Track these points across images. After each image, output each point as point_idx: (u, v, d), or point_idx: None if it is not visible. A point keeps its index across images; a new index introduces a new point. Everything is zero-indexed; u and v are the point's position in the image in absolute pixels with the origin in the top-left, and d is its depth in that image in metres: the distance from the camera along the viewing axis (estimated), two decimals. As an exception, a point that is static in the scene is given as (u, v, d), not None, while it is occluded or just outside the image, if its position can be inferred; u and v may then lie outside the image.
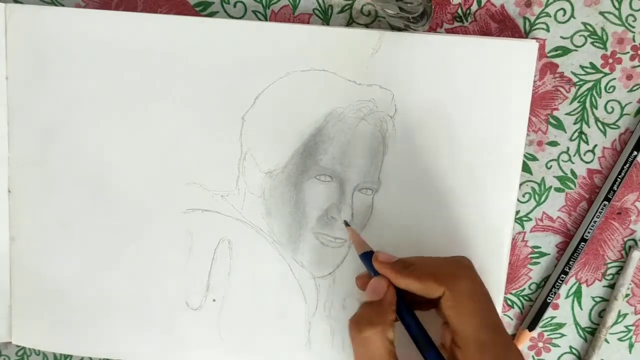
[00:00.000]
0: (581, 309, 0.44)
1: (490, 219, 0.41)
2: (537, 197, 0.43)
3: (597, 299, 0.44)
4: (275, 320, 0.44)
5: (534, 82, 0.41)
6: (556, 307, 0.44)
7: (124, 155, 0.44)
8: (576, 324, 0.44)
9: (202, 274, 0.44)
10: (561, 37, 0.41)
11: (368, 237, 0.42)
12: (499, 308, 0.42)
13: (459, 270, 0.35)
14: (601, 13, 0.41)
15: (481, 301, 0.35)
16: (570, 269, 0.42)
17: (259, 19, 0.43)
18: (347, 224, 0.41)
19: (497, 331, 0.34)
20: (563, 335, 0.44)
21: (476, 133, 0.41)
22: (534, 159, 0.42)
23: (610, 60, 0.41)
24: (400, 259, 0.37)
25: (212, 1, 0.43)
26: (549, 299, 0.43)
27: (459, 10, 0.41)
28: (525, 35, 0.41)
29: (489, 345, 0.33)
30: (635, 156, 0.41)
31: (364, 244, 0.39)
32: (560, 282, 0.42)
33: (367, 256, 0.38)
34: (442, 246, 0.42)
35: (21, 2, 0.44)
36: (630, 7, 0.40)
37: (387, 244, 0.42)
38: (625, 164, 0.41)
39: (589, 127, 0.42)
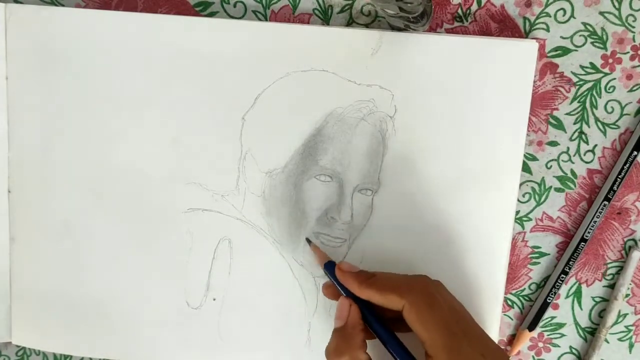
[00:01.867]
0: (581, 309, 0.44)
1: (491, 219, 0.41)
2: (537, 197, 0.43)
3: (597, 299, 0.44)
4: (275, 320, 0.44)
5: (534, 82, 0.41)
6: (556, 307, 0.44)
7: (124, 155, 0.44)
8: (576, 324, 0.44)
9: (202, 273, 0.44)
10: (561, 37, 0.41)
11: (368, 237, 0.42)
12: (498, 308, 0.42)
13: (418, 284, 0.36)
14: (601, 13, 0.41)
15: (443, 308, 0.35)
16: (570, 269, 0.42)
17: (259, 19, 0.43)
18: (309, 241, 0.42)
19: (466, 333, 0.34)
20: (563, 335, 0.44)
21: (476, 133, 0.41)
22: (534, 159, 0.42)
23: (610, 60, 0.41)
24: (363, 270, 0.38)
25: (212, 1, 0.43)
26: (549, 299, 0.43)
27: (459, 10, 0.41)
28: (525, 35, 0.41)
29: (459, 348, 0.33)
30: (635, 156, 0.41)
31: (326, 256, 0.40)
32: (560, 282, 0.42)
33: (331, 265, 0.39)
34: (441, 246, 0.42)
35: (21, 2, 0.44)
36: (630, 7, 0.40)
37: (386, 244, 0.42)
38: (625, 164, 0.41)
39: (589, 127, 0.42)
